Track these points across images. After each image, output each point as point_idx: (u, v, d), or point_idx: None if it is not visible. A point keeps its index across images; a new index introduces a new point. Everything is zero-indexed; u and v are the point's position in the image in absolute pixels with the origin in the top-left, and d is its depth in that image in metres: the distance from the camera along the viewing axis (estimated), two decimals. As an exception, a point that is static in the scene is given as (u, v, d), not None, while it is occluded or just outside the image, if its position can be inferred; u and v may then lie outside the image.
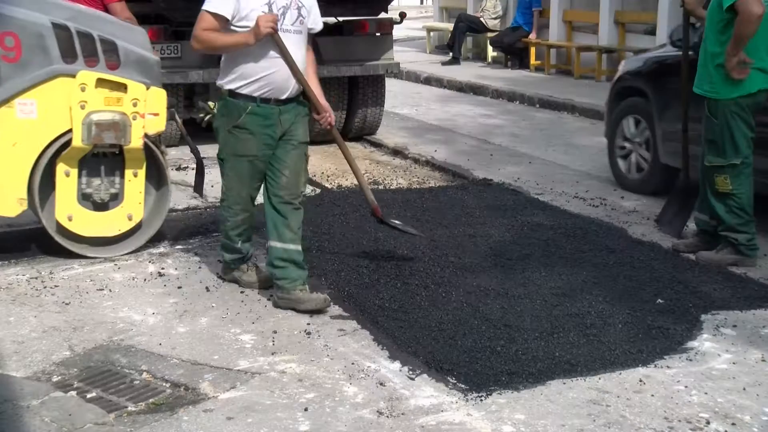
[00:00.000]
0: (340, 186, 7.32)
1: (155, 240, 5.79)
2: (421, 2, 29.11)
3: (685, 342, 4.32)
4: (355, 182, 7.43)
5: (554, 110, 11.62)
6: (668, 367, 4.05)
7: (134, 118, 5.32)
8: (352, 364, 4.06)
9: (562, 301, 4.80)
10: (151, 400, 3.71)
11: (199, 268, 5.34)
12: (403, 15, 9.46)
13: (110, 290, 4.96)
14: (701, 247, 5.62)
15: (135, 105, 5.32)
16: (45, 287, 4.98)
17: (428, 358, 4.08)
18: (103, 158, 5.44)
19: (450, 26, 16.09)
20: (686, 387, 3.86)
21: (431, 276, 5.13)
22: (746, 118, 5.34)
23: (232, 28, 4.49)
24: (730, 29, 5.22)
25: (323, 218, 6.27)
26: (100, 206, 5.48)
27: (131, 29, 5.59)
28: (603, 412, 3.62)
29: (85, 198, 5.44)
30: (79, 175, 5.39)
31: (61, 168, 5.31)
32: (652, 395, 3.77)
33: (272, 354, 4.16)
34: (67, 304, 4.75)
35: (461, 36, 15.51)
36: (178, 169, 7.93)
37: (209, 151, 8.42)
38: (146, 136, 5.42)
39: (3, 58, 5.04)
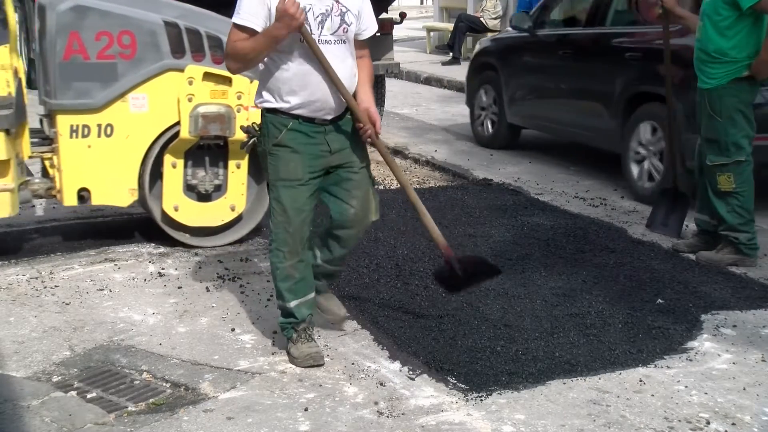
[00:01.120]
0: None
1: (153, 241, 5.80)
2: (421, 2, 29.10)
3: (685, 342, 4.32)
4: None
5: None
6: (668, 367, 4.05)
7: (238, 111, 5.50)
8: (352, 364, 4.06)
9: (562, 301, 4.80)
10: (151, 400, 3.71)
11: (199, 268, 5.34)
12: (403, 15, 9.47)
13: (110, 290, 4.96)
14: (701, 247, 5.62)
15: (239, 98, 5.50)
16: (45, 287, 4.98)
17: (428, 358, 4.08)
18: (208, 150, 5.64)
19: (450, 26, 16.09)
20: (686, 387, 3.86)
21: (431, 276, 5.13)
22: (749, 115, 5.33)
23: None
24: (741, 23, 5.18)
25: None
26: (204, 197, 5.68)
27: None
28: (603, 412, 3.62)
29: (189, 189, 5.66)
30: (185, 167, 5.61)
31: (168, 159, 5.53)
32: (652, 395, 3.77)
33: (272, 354, 4.16)
34: (67, 304, 4.75)
35: (461, 36, 15.51)
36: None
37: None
38: None
39: (120, 56, 5.32)
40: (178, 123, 5.44)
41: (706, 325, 4.52)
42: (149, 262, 5.45)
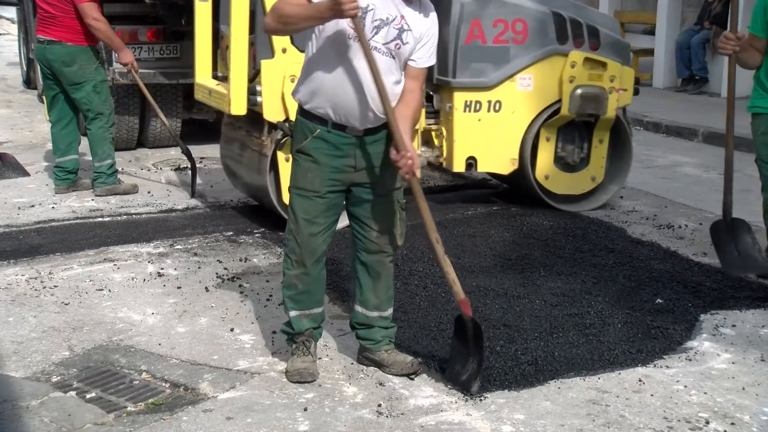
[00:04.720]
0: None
1: (153, 241, 5.81)
2: None
3: (685, 342, 4.32)
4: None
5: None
6: (667, 366, 4.05)
7: (610, 92, 6.28)
8: (352, 364, 4.06)
9: (561, 300, 4.80)
10: (150, 400, 3.71)
11: (199, 268, 5.34)
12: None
13: (109, 290, 4.96)
14: None
15: (612, 81, 6.31)
16: (44, 287, 4.98)
17: (428, 358, 4.08)
18: (575, 126, 6.42)
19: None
20: (685, 387, 3.86)
21: (431, 276, 5.13)
22: None
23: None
24: None
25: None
26: (570, 168, 6.51)
27: (608, 18, 6.74)
28: (602, 412, 3.63)
29: (557, 161, 6.47)
30: (557, 141, 6.42)
31: (542, 134, 6.35)
32: (652, 395, 3.77)
33: (271, 354, 4.16)
34: (66, 304, 4.75)
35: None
36: (177, 169, 7.93)
37: (207, 151, 8.45)
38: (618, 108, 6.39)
39: (513, 41, 6.13)
40: (557, 101, 6.22)
41: (705, 325, 4.53)
42: (148, 262, 5.44)
